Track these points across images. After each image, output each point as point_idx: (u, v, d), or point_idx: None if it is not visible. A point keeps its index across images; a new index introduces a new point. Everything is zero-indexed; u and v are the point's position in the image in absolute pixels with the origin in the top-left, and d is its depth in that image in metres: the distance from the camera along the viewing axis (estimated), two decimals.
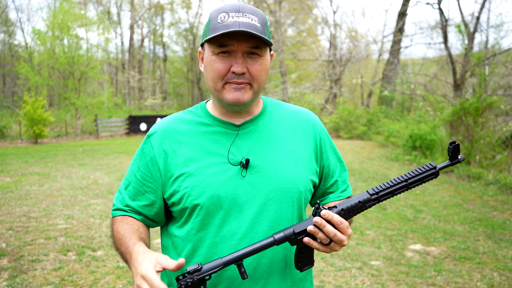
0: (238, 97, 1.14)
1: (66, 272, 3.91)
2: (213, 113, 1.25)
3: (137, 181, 1.25)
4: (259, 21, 1.13)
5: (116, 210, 1.28)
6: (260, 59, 1.15)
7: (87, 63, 21.02)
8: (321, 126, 1.33)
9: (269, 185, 1.18)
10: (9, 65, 27.75)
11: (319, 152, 1.30)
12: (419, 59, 26.15)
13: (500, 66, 12.58)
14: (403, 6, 19.29)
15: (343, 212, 1.09)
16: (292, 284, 1.23)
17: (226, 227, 1.16)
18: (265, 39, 1.11)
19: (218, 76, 1.14)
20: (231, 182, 1.17)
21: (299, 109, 1.34)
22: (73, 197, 6.92)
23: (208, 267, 1.04)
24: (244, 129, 1.23)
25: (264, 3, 25.16)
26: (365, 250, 4.59)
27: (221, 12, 1.12)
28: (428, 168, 1.13)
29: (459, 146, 1.10)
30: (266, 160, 1.20)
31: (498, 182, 8.00)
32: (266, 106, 1.30)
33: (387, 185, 1.12)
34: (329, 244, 1.08)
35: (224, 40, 1.11)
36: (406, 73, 19.95)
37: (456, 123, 10.30)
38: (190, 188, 1.17)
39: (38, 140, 17.43)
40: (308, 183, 1.24)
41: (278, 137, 1.25)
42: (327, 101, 25.79)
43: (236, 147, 1.20)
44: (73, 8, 21.98)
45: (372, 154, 13.43)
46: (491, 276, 3.87)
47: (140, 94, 32.68)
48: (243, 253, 1.06)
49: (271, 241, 1.07)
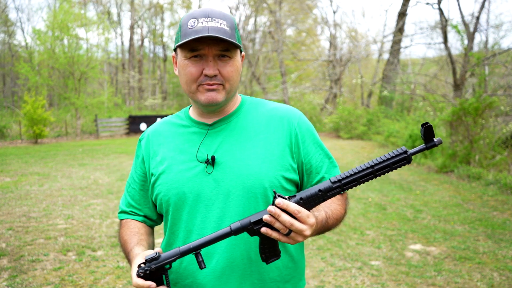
0: (212, 97, 1.20)
1: (66, 272, 3.91)
2: (192, 115, 1.34)
3: (135, 182, 1.37)
4: (228, 25, 1.18)
5: (121, 212, 1.40)
6: (230, 61, 1.20)
7: (87, 63, 21.02)
8: (299, 121, 1.31)
9: (232, 181, 1.21)
10: (9, 65, 27.75)
11: (295, 148, 1.28)
12: (419, 59, 26.14)
13: (500, 66, 12.58)
14: (403, 6, 19.29)
15: (302, 201, 1.04)
16: (259, 283, 1.23)
17: (193, 222, 1.23)
18: (233, 42, 1.16)
19: (191, 79, 1.20)
20: (196, 178, 1.23)
21: (278, 106, 1.34)
22: (73, 197, 6.92)
23: (165, 256, 1.07)
24: (215, 128, 1.29)
25: (264, 3, 25.17)
26: (365, 250, 4.59)
27: (191, 18, 1.18)
28: (397, 153, 1.01)
29: (432, 128, 0.99)
30: (232, 157, 1.23)
31: (498, 182, 8.00)
32: (242, 105, 1.33)
33: (351, 172, 1.03)
34: (289, 234, 1.04)
35: (195, 45, 1.17)
36: (406, 73, 19.95)
37: (456, 123, 10.29)
38: (161, 185, 1.26)
39: (38, 140, 17.43)
40: (275, 179, 1.22)
41: (249, 133, 1.27)
42: (327, 101, 25.79)
43: (205, 146, 1.26)
44: (73, 8, 21.98)
45: (372, 154, 13.43)
46: (491, 276, 3.88)
47: (140, 94, 32.67)
48: (200, 243, 1.07)
49: (228, 231, 1.06)
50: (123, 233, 1.33)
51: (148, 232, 1.36)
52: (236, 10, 30.80)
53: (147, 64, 36.77)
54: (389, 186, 8.15)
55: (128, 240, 1.29)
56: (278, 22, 24.05)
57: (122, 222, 1.38)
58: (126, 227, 1.34)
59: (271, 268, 1.24)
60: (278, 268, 1.25)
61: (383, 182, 8.57)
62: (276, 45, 24.53)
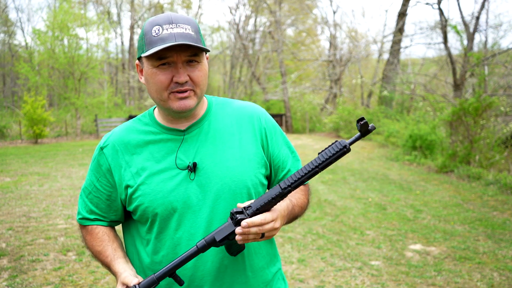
0: (184, 105, 1.19)
1: (66, 272, 3.91)
2: (159, 120, 1.30)
3: (97, 191, 1.32)
4: (193, 29, 1.17)
5: (83, 219, 1.35)
6: (199, 65, 1.20)
7: (87, 63, 21.02)
8: (266, 118, 1.36)
9: (216, 184, 1.24)
10: (9, 65, 27.75)
11: (265, 144, 1.33)
12: (419, 59, 26.14)
13: (499, 66, 12.58)
14: (403, 6, 19.29)
15: (258, 211, 1.12)
16: (252, 274, 1.30)
17: (182, 229, 1.23)
18: (201, 47, 1.16)
19: (162, 87, 1.18)
20: (180, 186, 1.23)
21: (244, 104, 1.38)
22: (73, 197, 6.92)
23: (143, 286, 1.12)
24: (190, 133, 1.28)
25: (264, 3, 25.17)
26: (365, 250, 4.59)
27: (155, 25, 1.16)
28: (339, 149, 1.10)
29: (367, 123, 1.07)
30: (212, 161, 1.25)
31: (498, 182, 8.00)
32: (210, 107, 1.34)
33: (299, 175, 1.11)
34: (263, 235, 1.13)
35: (163, 53, 1.14)
36: (406, 73, 19.94)
37: (456, 123, 10.29)
38: (143, 196, 1.23)
39: (38, 140, 17.43)
40: (255, 177, 1.28)
41: (223, 136, 1.29)
42: (327, 101, 25.78)
43: (183, 152, 1.25)
44: (73, 8, 21.98)
45: (372, 154, 13.43)
46: (491, 276, 3.88)
47: (140, 94, 32.67)
48: (172, 266, 1.13)
49: (195, 250, 1.13)
50: (92, 243, 1.32)
51: (115, 235, 1.36)
52: (236, 10, 30.81)
53: None
54: (389, 186, 8.15)
55: (103, 252, 1.29)
56: (278, 22, 24.05)
57: (87, 228, 1.34)
58: (94, 236, 1.32)
59: (258, 258, 1.31)
60: (264, 256, 1.33)
61: (383, 182, 8.57)
62: (276, 45, 24.53)
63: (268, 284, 1.34)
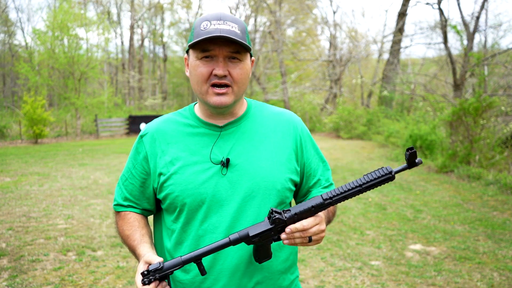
0: (220, 101, 1.23)
1: (66, 272, 3.91)
2: (199, 115, 1.35)
3: (133, 177, 1.37)
4: (239, 28, 1.22)
5: (117, 205, 1.41)
6: (240, 63, 1.23)
7: (87, 63, 21.02)
8: (302, 127, 1.40)
9: (247, 182, 1.26)
10: (9, 65, 27.76)
11: (299, 152, 1.36)
12: (419, 59, 26.14)
13: (499, 66, 12.57)
14: (403, 6, 19.29)
15: (296, 216, 1.13)
16: (269, 275, 1.31)
17: (208, 222, 1.26)
18: (244, 44, 1.19)
19: (202, 79, 1.23)
20: (211, 180, 1.26)
21: (282, 111, 1.42)
22: (73, 197, 6.92)
23: (168, 266, 1.14)
24: (227, 130, 1.32)
25: (264, 3, 25.17)
26: (365, 250, 4.59)
27: (204, 20, 1.22)
28: (384, 173, 1.13)
29: (416, 153, 1.10)
30: (246, 159, 1.28)
31: (498, 182, 8.00)
32: (249, 108, 1.38)
33: (342, 190, 1.14)
34: (311, 240, 1.15)
35: (206, 46, 1.20)
36: (406, 73, 19.94)
37: (456, 123, 10.29)
38: (174, 185, 1.27)
39: (38, 140, 17.43)
40: (286, 181, 1.31)
41: (259, 137, 1.33)
42: (327, 101, 25.78)
43: (218, 147, 1.29)
44: (73, 8, 21.97)
45: (372, 154, 13.43)
46: (491, 276, 3.88)
47: (140, 94, 32.67)
48: (201, 253, 1.15)
49: (227, 241, 1.15)
50: (123, 227, 1.36)
51: (146, 223, 1.40)
52: (236, 10, 30.79)
53: (147, 64, 36.77)
54: (389, 186, 8.15)
55: (130, 236, 1.33)
56: (278, 22, 24.05)
57: (120, 214, 1.40)
58: (125, 220, 1.37)
59: (278, 261, 1.32)
60: (283, 261, 1.34)
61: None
62: (276, 45, 24.53)
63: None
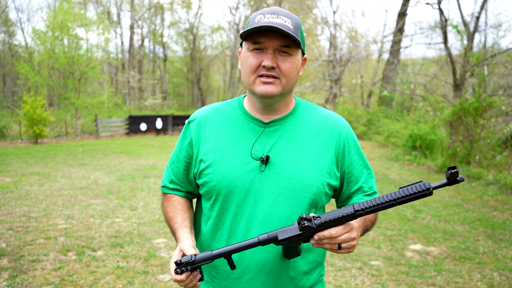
0: (266, 90, 1.23)
1: (66, 272, 3.91)
2: (246, 108, 1.37)
3: (179, 160, 1.42)
4: (293, 24, 1.23)
5: (164, 187, 1.48)
6: (290, 57, 1.24)
7: (87, 63, 21.01)
8: (348, 133, 1.39)
9: (283, 182, 1.27)
10: (9, 65, 27.74)
11: (341, 157, 1.35)
12: (419, 59, 26.14)
13: (499, 66, 12.57)
14: (403, 6, 19.29)
15: (326, 224, 1.13)
16: (294, 275, 1.33)
17: (241, 215, 1.29)
18: (294, 37, 1.19)
19: (251, 70, 1.25)
20: (249, 174, 1.28)
21: (330, 114, 1.41)
22: (73, 197, 6.92)
23: (199, 259, 1.17)
24: (271, 127, 1.33)
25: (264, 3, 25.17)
26: (365, 250, 4.59)
27: (259, 14, 1.25)
28: (421, 189, 1.10)
29: (457, 172, 1.08)
30: (285, 159, 1.29)
31: (498, 182, 8.00)
32: (297, 107, 1.39)
33: (375, 202, 1.12)
34: (340, 247, 1.15)
35: (257, 38, 1.22)
36: (406, 73, 19.94)
37: (456, 123, 10.29)
38: (212, 175, 1.30)
39: (38, 140, 17.43)
40: (323, 186, 1.31)
41: (302, 138, 1.33)
42: (327, 101, 25.78)
43: (260, 143, 1.30)
44: (73, 8, 21.97)
45: (372, 154, 13.42)
46: (491, 276, 3.88)
47: (140, 94, 32.67)
48: (230, 249, 1.18)
49: (256, 241, 1.17)
50: (168, 209, 1.43)
51: (189, 206, 1.46)
52: (236, 10, 30.78)
53: (147, 64, 36.76)
54: (389, 186, 8.15)
55: (173, 218, 1.39)
56: None
57: (166, 196, 1.47)
58: (170, 202, 1.44)
59: (304, 262, 1.34)
60: (309, 262, 1.36)
61: (383, 182, 8.57)
62: None
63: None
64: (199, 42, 35.79)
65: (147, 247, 4.58)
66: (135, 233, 5.06)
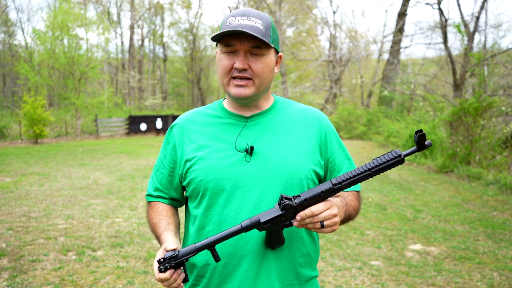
0: (240, 92, 1.28)
1: (66, 272, 3.91)
2: (226, 107, 1.41)
3: (163, 166, 1.44)
4: (263, 24, 1.26)
5: (148, 195, 1.49)
6: (262, 58, 1.27)
7: (87, 63, 21.02)
8: (327, 123, 1.43)
9: (271, 170, 1.29)
10: (9, 65, 27.74)
11: (323, 146, 1.38)
12: (419, 59, 26.14)
13: (499, 66, 12.57)
14: (403, 6, 19.30)
15: (306, 202, 1.14)
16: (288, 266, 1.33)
17: (229, 207, 1.29)
18: (262, 39, 1.22)
19: (224, 72, 1.28)
20: (235, 166, 1.30)
21: (308, 107, 1.45)
22: (73, 197, 6.92)
23: (183, 253, 1.17)
24: (252, 121, 1.36)
25: (264, 3, 25.16)
26: (365, 250, 4.59)
27: (230, 16, 1.27)
28: (393, 157, 1.13)
29: (425, 135, 1.10)
30: (270, 148, 1.32)
31: (498, 182, 8.00)
32: (276, 103, 1.43)
33: (351, 174, 1.14)
34: (323, 226, 1.15)
35: (229, 40, 1.26)
36: (406, 73, 19.94)
37: (456, 123, 10.29)
38: (199, 170, 1.32)
39: (38, 140, 17.43)
40: (309, 172, 1.32)
41: (284, 129, 1.36)
42: (327, 101, 25.77)
43: (243, 136, 1.33)
44: (73, 8, 21.98)
45: (372, 154, 13.43)
46: (491, 276, 3.88)
47: (140, 94, 32.67)
48: (214, 240, 1.17)
49: (238, 228, 1.16)
50: (152, 216, 1.43)
51: (174, 213, 1.46)
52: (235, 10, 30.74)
53: (147, 64, 36.77)
54: (389, 186, 8.15)
55: (157, 224, 1.39)
56: (278, 22, 24.05)
57: (150, 204, 1.48)
58: (154, 210, 1.44)
59: (299, 253, 1.34)
60: (304, 255, 1.36)
61: (383, 182, 8.57)
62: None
63: (301, 284, 1.36)
64: (199, 42, 35.79)
65: (147, 247, 4.58)
66: (135, 233, 5.06)
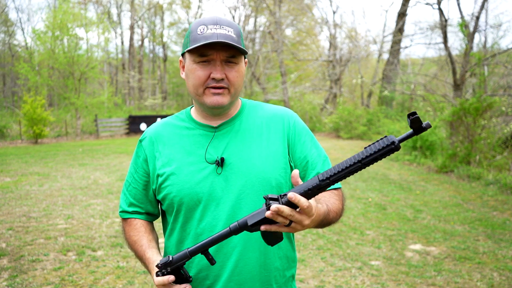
0: (217, 100, 1.26)
1: (66, 272, 3.91)
2: (195, 117, 1.39)
3: (135, 181, 1.41)
4: (235, 33, 1.25)
5: (123, 212, 1.45)
6: (236, 66, 1.27)
7: (87, 63, 21.02)
8: (295, 120, 1.40)
9: (241, 180, 1.29)
10: (9, 65, 27.74)
11: (292, 145, 1.37)
12: (419, 59, 26.14)
13: (499, 66, 12.57)
14: (403, 6, 19.30)
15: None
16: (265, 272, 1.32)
17: (205, 220, 1.29)
18: (241, 48, 1.23)
19: (199, 82, 1.26)
20: (207, 179, 1.29)
21: (276, 108, 1.43)
22: (73, 197, 6.92)
23: (177, 258, 1.17)
24: (221, 130, 1.35)
25: (264, 3, 25.17)
26: (365, 250, 4.59)
27: (201, 24, 1.25)
28: (386, 144, 0.97)
29: (419, 118, 0.95)
30: (239, 158, 1.31)
31: (498, 182, 8.00)
32: (243, 108, 1.41)
33: (340, 168, 1.01)
34: (290, 224, 1.06)
35: (204, 50, 1.23)
36: (406, 73, 19.95)
37: (456, 123, 10.29)
38: (171, 186, 1.31)
39: (38, 140, 17.43)
40: (280, 176, 1.32)
41: (252, 135, 1.35)
42: (327, 101, 25.78)
43: (213, 147, 1.32)
44: (73, 8, 21.98)
45: None
46: (491, 276, 3.88)
47: (140, 94, 32.67)
48: (206, 243, 1.16)
49: (227, 231, 1.14)
50: (130, 233, 1.41)
51: (152, 228, 1.45)
52: (235, 10, 30.79)
53: (147, 64, 36.77)
54: (389, 186, 8.15)
55: (137, 242, 1.38)
56: (278, 22, 24.05)
57: (126, 221, 1.45)
58: (132, 227, 1.42)
59: (275, 257, 1.33)
60: (280, 258, 1.35)
61: (383, 182, 8.57)
62: (276, 45, 24.52)
63: (279, 286, 1.36)
64: None
65: None
66: None
